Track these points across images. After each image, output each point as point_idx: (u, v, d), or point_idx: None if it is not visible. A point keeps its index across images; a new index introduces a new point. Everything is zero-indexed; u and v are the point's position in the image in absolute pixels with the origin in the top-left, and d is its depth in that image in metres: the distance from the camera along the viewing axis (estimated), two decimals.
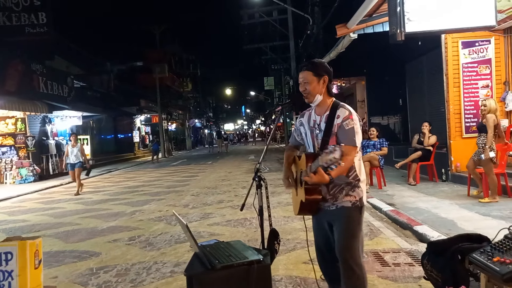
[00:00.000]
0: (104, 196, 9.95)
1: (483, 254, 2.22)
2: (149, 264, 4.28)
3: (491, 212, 5.37)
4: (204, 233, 5.50)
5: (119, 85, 26.63)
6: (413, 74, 12.22)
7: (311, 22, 15.57)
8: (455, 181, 8.01)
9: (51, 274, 4.18)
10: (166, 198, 8.94)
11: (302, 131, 2.69)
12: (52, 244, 5.42)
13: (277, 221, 5.80)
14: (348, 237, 2.39)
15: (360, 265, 2.39)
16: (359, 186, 2.45)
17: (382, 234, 4.97)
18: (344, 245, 2.38)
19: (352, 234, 2.40)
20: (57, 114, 16.49)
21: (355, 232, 2.41)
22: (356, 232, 2.41)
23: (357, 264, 2.37)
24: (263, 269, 1.96)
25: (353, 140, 2.35)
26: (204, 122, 54.79)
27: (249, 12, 26.83)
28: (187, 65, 43.55)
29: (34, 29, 13.61)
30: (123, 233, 5.79)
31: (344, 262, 2.37)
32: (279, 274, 3.75)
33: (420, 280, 3.34)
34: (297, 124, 2.78)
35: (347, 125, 2.37)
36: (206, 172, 14.63)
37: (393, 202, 6.55)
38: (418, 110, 12.01)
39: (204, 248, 2.12)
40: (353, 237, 2.39)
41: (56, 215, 7.71)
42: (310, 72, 2.45)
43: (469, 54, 7.94)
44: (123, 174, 16.41)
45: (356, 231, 2.42)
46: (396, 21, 5.34)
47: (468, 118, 8.07)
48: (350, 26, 8.04)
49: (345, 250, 2.37)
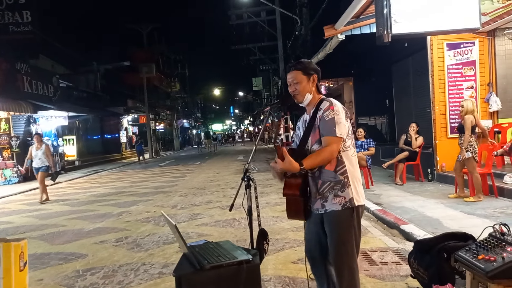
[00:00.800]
0: (91, 197, 9.82)
1: (468, 252, 2.26)
2: (137, 266, 4.25)
3: (476, 211, 5.47)
4: (193, 233, 5.48)
5: (106, 85, 26.34)
6: (399, 75, 12.38)
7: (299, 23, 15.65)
8: (441, 181, 8.13)
9: (37, 276, 4.11)
10: (154, 199, 8.87)
11: (299, 134, 2.67)
12: (37, 246, 5.33)
13: (266, 221, 5.81)
14: (338, 243, 2.32)
15: (352, 269, 2.34)
16: (350, 185, 2.33)
17: (370, 233, 5.02)
18: (336, 252, 2.33)
19: (343, 240, 2.32)
20: (42, 114, 16.23)
21: (345, 237, 2.31)
22: (347, 238, 2.32)
23: (350, 269, 2.32)
24: (252, 268, 1.96)
25: (333, 130, 2.27)
26: (192, 122, 54.54)
27: (237, 13, 26.81)
28: (175, 65, 43.30)
29: (19, 27, 13.40)
30: (110, 235, 5.72)
31: (335, 266, 2.34)
32: (268, 274, 3.75)
33: (407, 279, 3.39)
34: (296, 130, 2.75)
35: (327, 116, 2.31)
36: (194, 173, 14.56)
37: (380, 202, 6.62)
38: (404, 110, 12.16)
39: (193, 249, 2.11)
40: (343, 243, 2.32)
41: (41, 216, 7.59)
42: (299, 71, 2.44)
43: (454, 56, 8.08)
44: (110, 175, 16.23)
45: (347, 236, 2.32)
46: (383, 23, 5.40)
47: (453, 118, 8.21)
48: (338, 27, 8.11)
49: (336, 256, 2.33)
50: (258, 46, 29.62)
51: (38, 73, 15.67)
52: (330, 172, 2.34)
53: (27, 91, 14.32)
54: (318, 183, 2.37)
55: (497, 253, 2.12)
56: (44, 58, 18.79)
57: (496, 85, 8.11)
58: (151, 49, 30.19)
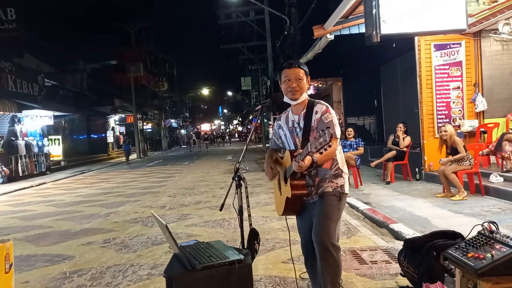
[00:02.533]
0: (77, 198, 9.67)
1: (458, 250, 2.28)
2: (125, 267, 4.18)
3: (463, 210, 5.54)
4: (182, 234, 5.43)
5: (93, 84, 26.00)
6: (388, 75, 12.49)
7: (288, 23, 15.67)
8: (429, 180, 8.22)
9: (22, 279, 4.02)
10: (142, 199, 8.78)
11: (282, 134, 2.71)
12: (22, 248, 5.22)
13: (256, 221, 5.79)
14: (325, 219, 2.42)
15: (336, 247, 2.41)
16: (342, 176, 2.55)
17: (359, 233, 5.04)
18: (322, 226, 2.41)
19: (330, 217, 2.43)
20: (27, 113, 15.94)
21: (333, 215, 2.45)
22: (334, 216, 2.45)
23: (333, 245, 2.39)
24: (244, 268, 1.94)
25: (334, 131, 2.37)
26: (180, 122, 54.20)
27: (226, 12, 26.75)
28: (163, 65, 42.99)
29: (3, 25, 13.15)
30: (98, 236, 5.64)
31: (320, 242, 2.38)
32: (258, 274, 3.74)
33: (397, 277, 3.40)
34: (275, 128, 2.80)
35: (326, 118, 2.45)
36: (183, 173, 14.46)
37: (369, 201, 6.66)
38: (392, 111, 12.28)
39: (184, 249, 2.08)
40: (330, 220, 2.43)
41: (26, 218, 7.44)
42: (302, 70, 2.53)
43: (441, 57, 8.17)
44: (97, 176, 16.02)
45: (334, 214, 2.46)
46: (372, 23, 5.43)
47: (440, 118, 8.30)
48: (327, 27, 8.14)
49: (322, 231, 2.40)
50: (247, 45, 29.63)
51: (23, 71, 15.38)
52: (327, 170, 2.53)
53: (11, 89, 14.04)
54: (315, 180, 2.53)
55: (486, 250, 2.14)
56: (29, 57, 18.46)
57: (482, 86, 8.23)
58: (139, 48, 29.92)
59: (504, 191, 6.04)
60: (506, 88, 8.23)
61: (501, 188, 6.18)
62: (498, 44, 8.10)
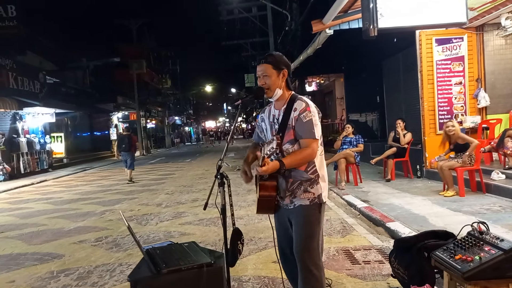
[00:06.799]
0: (75, 196, 9.64)
1: (446, 252, 2.17)
2: (113, 266, 4.11)
3: (462, 208, 5.41)
4: (175, 232, 5.35)
5: (95, 82, 25.99)
6: (389, 71, 12.31)
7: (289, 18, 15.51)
8: (430, 177, 8.08)
9: (9, 278, 3.97)
10: (139, 197, 8.71)
11: (264, 127, 2.59)
12: (14, 246, 5.18)
13: (251, 219, 5.69)
14: (306, 237, 2.28)
15: (319, 266, 2.29)
16: (319, 183, 2.34)
17: (355, 231, 4.93)
18: (302, 246, 2.28)
19: (310, 235, 2.29)
20: (28, 111, 15.93)
21: (313, 232, 2.30)
22: (315, 232, 2.30)
23: (315, 265, 2.27)
24: (214, 272, 1.84)
25: (312, 132, 2.27)
26: (184, 119, 54.19)
27: (228, 8, 26.58)
28: (166, 62, 42.91)
29: (3, 22, 13.12)
30: (90, 234, 5.58)
31: (302, 263, 2.27)
32: (247, 274, 3.65)
33: (389, 278, 3.29)
34: (259, 121, 2.69)
35: (304, 118, 2.28)
36: (183, 170, 14.40)
37: (368, 199, 6.54)
38: (394, 107, 12.10)
39: (154, 251, 1.98)
40: (311, 238, 2.29)
41: (23, 215, 7.41)
42: (269, 65, 2.35)
43: (443, 51, 8.00)
44: (98, 173, 16.00)
45: (315, 231, 2.31)
46: (369, 17, 5.30)
47: (442, 114, 8.15)
48: (326, 22, 7.99)
49: (303, 251, 2.28)
50: (249, 42, 29.46)
51: (24, 69, 15.37)
52: (302, 171, 2.33)
53: (12, 87, 14.04)
54: (288, 181, 2.36)
55: (475, 252, 2.02)
56: (31, 54, 18.46)
57: (485, 81, 8.05)
58: (141, 45, 29.90)
59: (506, 189, 5.89)
60: (509, 84, 8.05)
61: (502, 185, 6.03)
62: (501, 38, 7.91)
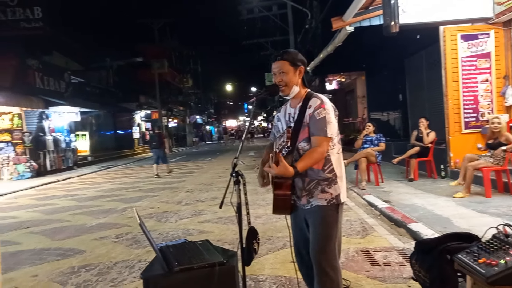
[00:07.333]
0: (98, 193, 9.84)
1: (469, 255, 2.08)
2: (132, 263, 4.16)
3: (488, 209, 5.22)
4: (194, 230, 5.38)
5: (118, 81, 26.50)
6: (412, 69, 12.02)
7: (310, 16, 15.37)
8: (454, 178, 7.81)
9: (32, 272, 4.07)
10: (160, 194, 8.82)
11: (280, 127, 2.55)
12: (38, 241, 5.32)
13: (269, 218, 5.66)
14: (323, 239, 2.24)
15: (335, 268, 2.24)
16: (336, 182, 2.29)
17: (375, 232, 4.83)
18: (319, 247, 2.23)
19: (327, 236, 2.24)
20: (54, 110, 16.38)
21: (330, 233, 2.25)
22: (332, 234, 2.25)
23: (332, 267, 2.22)
24: (226, 271, 1.83)
25: (324, 130, 2.21)
26: (205, 118, 54.63)
27: (248, 7, 26.57)
28: (187, 61, 43.36)
29: (29, 23, 13.50)
30: (111, 231, 5.67)
31: (318, 264, 2.23)
32: (264, 273, 3.63)
33: (410, 281, 3.21)
34: (275, 120, 2.65)
35: (318, 115, 2.23)
36: (203, 169, 14.51)
37: (389, 199, 6.40)
38: (417, 105, 11.82)
39: (167, 249, 1.99)
40: (328, 239, 2.24)
41: (48, 211, 7.61)
42: (286, 62, 2.31)
43: (468, 48, 7.74)
44: (121, 171, 16.31)
45: (332, 232, 2.26)
46: (390, 13, 5.18)
47: (467, 113, 7.89)
48: (346, 19, 7.86)
49: (319, 252, 2.23)
50: (270, 40, 29.37)
51: (50, 69, 15.81)
52: (318, 170, 2.28)
53: (39, 86, 14.47)
54: (305, 181, 2.31)
55: (500, 256, 1.93)
56: (58, 55, 18.99)
57: None
58: (163, 45, 30.32)
59: None
60: None
61: None
62: None
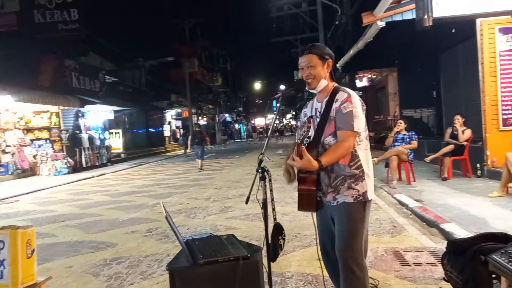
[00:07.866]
0: (130, 189, 10.12)
1: (503, 256, 1.99)
2: (161, 257, 4.26)
3: None
4: (221, 226, 5.43)
5: (150, 80, 27.15)
6: (447, 64, 11.60)
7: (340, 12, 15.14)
8: (491, 177, 7.51)
9: (67, 263, 4.24)
10: (189, 191, 8.96)
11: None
12: (73, 234, 5.53)
13: (296, 216, 5.63)
14: (348, 236, 2.20)
15: (361, 266, 2.20)
16: (364, 179, 2.24)
17: (406, 232, 4.71)
18: (345, 245, 2.20)
19: (353, 233, 2.20)
20: (89, 108, 16.97)
21: (356, 231, 2.21)
22: (358, 231, 2.21)
23: (358, 265, 2.18)
24: (250, 265, 1.83)
25: (351, 124, 2.17)
26: (234, 116, 55.00)
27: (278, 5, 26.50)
28: (217, 60, 43.80)
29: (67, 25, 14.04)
30: (142, 225, 5.82)
31: (344, 262, 2.19)
32: (290, 270, 3.62)
33: (441, 282, 3.10)
34: (301, 116, 2.63)
35: (345, 108, 2.20)
36: (232, 166, 14.62)
37: (421, 199, 6.22)
38: (453, 102, 11.39)
39: (193, 242, 2.02)
40: (354, 237, 2.20)
41: (83, 206, 7.90)
42: (314, 55, 2.29)
43: (507, 41, 7.38)
44: (153, 167, 16.70)
45: (358, 230, 2.22)
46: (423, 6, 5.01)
47: (505, 110, 7.54)
48: (377, 14, 7.68)
49: (345, 250, 2.19)
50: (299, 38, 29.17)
51: (85, 69, 16.39)
52: (344, 166, 2.24)
53: (75, 86, 15.03)
54: (331, 176, 2.28)
55: None
56: (93, 55, 19.69)
57: None
58: (193, 44, 30.73)
59: None
60: None
61: None
62: None
